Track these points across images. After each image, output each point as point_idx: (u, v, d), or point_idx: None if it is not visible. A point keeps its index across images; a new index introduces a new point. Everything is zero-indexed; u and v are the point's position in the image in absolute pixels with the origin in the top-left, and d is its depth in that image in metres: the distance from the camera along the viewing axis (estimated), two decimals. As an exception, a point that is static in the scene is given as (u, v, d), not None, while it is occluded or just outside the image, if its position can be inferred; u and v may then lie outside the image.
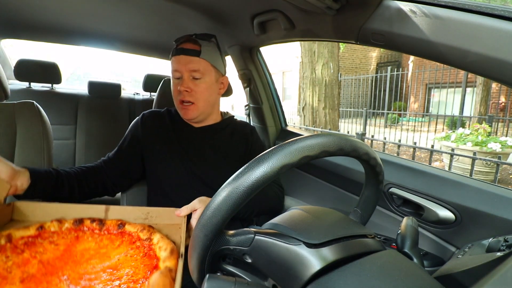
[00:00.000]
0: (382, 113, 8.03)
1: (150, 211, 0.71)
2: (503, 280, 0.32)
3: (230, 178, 0.38)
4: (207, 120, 0.97)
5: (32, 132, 0.93)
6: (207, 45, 0.89)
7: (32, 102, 0.97)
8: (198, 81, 0.88)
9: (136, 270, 0.52)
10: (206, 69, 0.88)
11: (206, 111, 0.93)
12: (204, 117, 0.95)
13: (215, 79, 0.92)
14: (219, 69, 0.93)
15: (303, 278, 0.37)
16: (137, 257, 0.56)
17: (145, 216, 0.70)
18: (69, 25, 1.37)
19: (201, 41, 0.89)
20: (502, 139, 3.89)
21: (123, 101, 2.16)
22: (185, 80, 0.87)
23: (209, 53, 0.89)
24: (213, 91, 0.92)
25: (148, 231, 0.62)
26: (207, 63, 0.88)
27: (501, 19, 0.46)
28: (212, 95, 0.92)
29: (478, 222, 0.67)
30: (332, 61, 4.92)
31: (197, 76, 0.87)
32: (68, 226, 0.62)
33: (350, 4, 0.66)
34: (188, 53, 0.87)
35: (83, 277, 0.49)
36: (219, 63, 0.93)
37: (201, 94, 0.89)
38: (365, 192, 0.56)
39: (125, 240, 0.61)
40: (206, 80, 0.89)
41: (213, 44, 0.92)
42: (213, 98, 0.93)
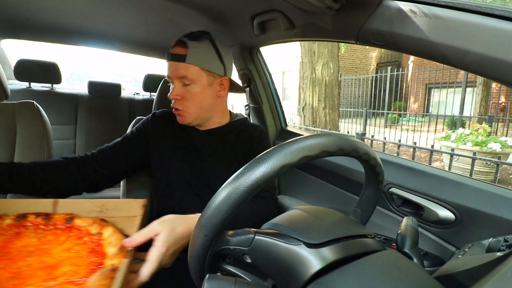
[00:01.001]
0: (382, 113, 8.03)
1: (105, 203, 0.64)
2: (503, 280, 0.32)
3: (230, 178, 0.38)
4: (210, 123, 0.93)
5: (32, 132, 0.93)
6: (196, 46, 0.81)
7: (32, 102, 0.97)
8: (189, 87, 0.83)
9: (77, 269, 0.48)
10: (194, 74, 0.82)
11: (201, 117, 0.88)
12: (201, 121, 0.91)
13: (208, 83, 0.85)
14: (213, 71, 0.84)
15: (303, 278, 0.37)
16: (82, 254, 0.52)
17: (99, 209, 0.64)
18: (69, 25, 1.37)
19: (190, 42, 0.81)
20: (502, 139, 3.89)
21: (123, 101, 2.16)
22: (175, 87, 0.83)
23: (197, 56, 0.81)
24: (206, 96, 0.86)
25: (99, 225, 0.57)
26: (196, 68, 0.81)
27: (501, 19, 0.46)
28: (205, 100, 0.86)
29: (478, 222, 0.67)
30: (332, 61, 4.92)
31: (186, 82, 0.82)
32: (9, 222, 0.57)
33: (350, 4, 0.66)
34: (175, 59, 0.82)
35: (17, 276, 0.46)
36: (214, 64, 0.84)
37: (192, 101, 0.84)
38: (365, 192, 0.56)
39: (72, 236, 0.56)
40: (196, 86, 0.83)
41: (205, 43, 0.83)
42: (208, 102, 0.87)
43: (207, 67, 0.83)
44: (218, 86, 0.88)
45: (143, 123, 0.94)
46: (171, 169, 0.89)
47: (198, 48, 0.82)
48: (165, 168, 0.90)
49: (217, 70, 0.85)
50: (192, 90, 0.83)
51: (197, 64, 0.81)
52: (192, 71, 0.81)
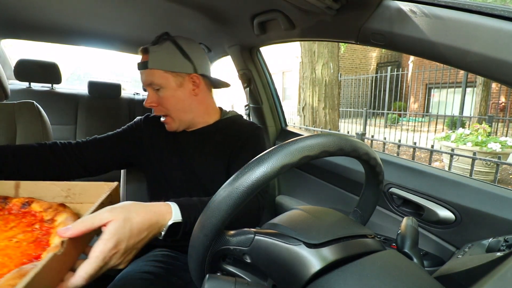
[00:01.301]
0: (382, 113, 8.03)
1: (72, 186, 0.58)
2: (503, 280, 0.32)
3: (230, 178, 0.38)
4: (195, 123, 0.91)
5: (32, 132, 0.93)
6: (156, 50, 0.81)
7: (32, 102, 0.97)
8: (160, 92, 0.82)
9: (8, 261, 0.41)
10: (159, 78, 0.81)
11: (184, 119, 0.87)
12: (187, 125, 0.89)
13: (177, 84, 0.83)
14: (179, 70, 0.82)
15: (303, 278, 0.37)
16: (22, 244, 0.45)
17: (66, 194, 0.58)
18: (69, 25, 1.37)
19: (151, 48, 0.81)
20: (502, 139, 3.89)
21: (123, 101, 2.16)
22: (149, 95, 0.83)
23: (157, 59, 0.80)
24: (179, 97, 0.84)
25: (54, 210, 0.51)
26: (159, 72, 0.80)
27: (501, 19, 0.46)
28: (180, 102, 0.84)
29: (478, 222, 0.67)
30: (332, 61, 4.92)
31: (156, 87, 0.82)
32: None
33: (350, 4, 0.66)
34: (140, 67, 0.83)
35: None
36: (177, 63, 0.82)
37: (167, 105, 0.83)
38: (365, 192, 0.56)
39: (23, 222, 0.50)
40: (166, 90, 0.82)
41: (166, 45, 0.82)
42: (184, 104, 0.85)
43: (171, 68, 0.81)
44: (191, 85, 0.85)
45: (136, 122, 0.94)
46: (164, 171, 0.89)
47: (159, 51, 0.81)
48: (158, 170, 0.90)
49: (183, 69, 0.83)
50: (163, 94, 0.82)
51: (160, 68, 0.80)
52: (157, 75, 0.81)
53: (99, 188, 0.58)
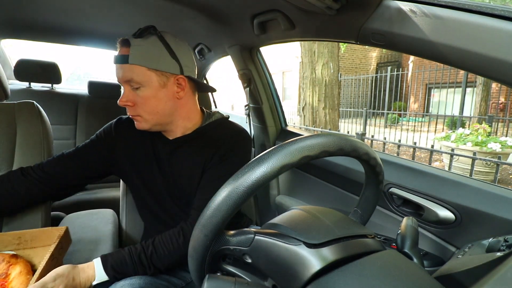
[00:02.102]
0: (382, 113, 8.03)
1: (23, 234, 0.61)
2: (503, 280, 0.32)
3: (230, 178, 0.38)
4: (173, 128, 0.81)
5: (32, 132, 0.92)
6: (140, 43, 0.70)
7: (32, 102, 0.97)
8: (139, 91, 0.72)
9: None
10: (141, 75, 0.71)
11: (159, 122, 0.77)
12: (162, 127, 0.80)
13: (160, 84, 0.73)
14: (165, 69, 0.73)
15: (303, 278, 0.37)
16: None
17: (17, 241, 0.61)
18: (69, 25, 1.37)
19: (133, 40, 0.70)
20: (502, 139, 3.89)
21: None
22: (125, 92, 0.74)
23: (141, 54, 0.70)
24: (161, 99, 0.74)
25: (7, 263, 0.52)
26: (141, 68, 0.70)
27: (501, 19, 0.46)
28: (160, 104, 0.75)
29: (478, 222, 0.67)
30: (332, 61, 4.92)
31: (134, 85, 0.72)
32: None
33: (350, 4, 0.66)
34: (118, 61, 0.72)
35: None
36: (164, 61, 0.72)
37: (145, 106, 0.74)
38: (365, 192, 0.56)
39: None
40: (146, 89, 0.72)
41: (151, 40, 0.72)
42: (164, 106, 0.75)
43: (156, 66, 0.72)
44: (175, 87, 0.76)
45: (105, 130, 0.87)
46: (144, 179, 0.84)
47: (143, 45, 0.71)
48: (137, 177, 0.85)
49: (169, 69, 0.73)
50: (142, 94, 0.73)
51: (143, 64, 0.70)
52: (138, 72, 0.71)
53: (48, 233, 0.62)
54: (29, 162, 0.90)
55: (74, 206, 1.57)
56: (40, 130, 0.94)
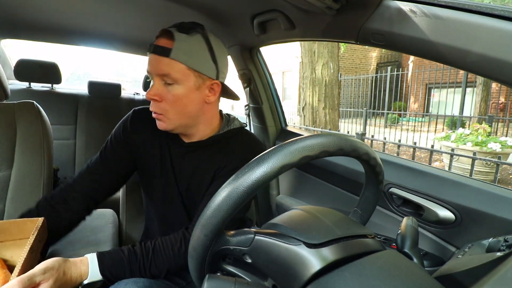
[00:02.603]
0: (382, 113, 8.03)
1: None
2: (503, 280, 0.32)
3: (230, 178, 0.38)
4: (194, 132, 0.78)
5: (32, 132, 0.93)
6: (185, 40, 0.67)
7: (32, 102, 0.97)
8: (171, 88, 0.68)
9: None
10: (179, 73, 0.67)
11: (184, 124, 0.74)
12: (184, 130, 0.77)
13: (195, 86, 0.70)
14: (204, 72, 0.70)
15: (303, 278, 0.37)
16: None
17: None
18: (69, 25, 1.37)
19: (178, 35, 0.66)
20: (502, 139, 3.89)
21: (123, 101, 2.16)
22: (155, 85, 0.69)
23: (185, 51, 0.66)
24: (192, 101, 0.71)
25: None
26: (181, 66, 0.67)
27: (501, 19, 0.46)
28: (190, 105, 0.71)
29: (478, 222, 0.67)
30: (332, 61, 4.92)
31: (168, 81, 0.68)
32: None
33: (350, 4, 0.66)
34: (157, 52, 0.67)
35: None
36: (205, 63, 0.70)
37: (173, 104, 0.70)
38: (365, 192, 0.56)
39: None
40: (180, 87, 0.69)
41: (196, 38, 0.68)
42: (192, 109, 0.72)
43: (196, 67, 0.68)
44: (208, 91, 0.74)
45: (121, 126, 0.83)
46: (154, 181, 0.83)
47: (187, 42, 0.67)
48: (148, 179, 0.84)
49: (208, 72, 0.71)
50: (175, 91, 0.69)
51: (184, 62, 0.67)
52: (177, 68, 0.67)
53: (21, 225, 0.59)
54: (29, 162, 0.90)
55: (74, 206, 1.56)
56: (40, 130, 0.94)
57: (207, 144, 0.79)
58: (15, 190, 0.88)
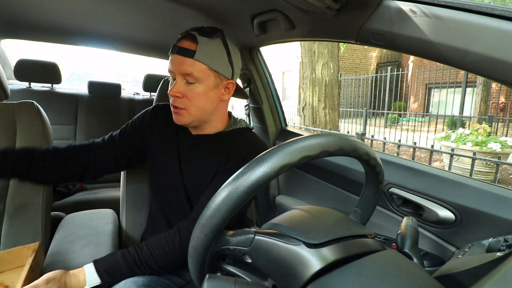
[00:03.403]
0: (382, 113, 8.03)
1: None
2: (503, 280, 0.32)
3: (230, 178, 0.38)
4: (206, 127, 0.85)
5: (32, 132, 0.93)
6: (207, 43, 0.74)
7: (32, 102, 0.97)
8: (192, 86, 0.75)
9: None
10: (201, 73, 0.74)
11: (201, 119, 0.81)
12: (199, 124, 0.83)
13: (214, 85, 0.78)
14: (221, 72, 0.77)
15: (303, 278, 0.37)
16: None
17: None
18: (69, 25, 1.37)
19: (201, 38, 0.73)
20: (502, 139, 3.89)
21: (123, 101, 2.16)
22: (177, 83, 0.76)
23: (206, 53, 0.74)
24: (210, 98, 0.78)
25: None
26: (204, 66, 0.74)
27: (501, 19, 0.46)
28: (208, 102, 0.79)
29: (478, 222, 0.67)
30: (332, 61, 4.92)
31: (190, 80, 0.75)
32: None
33: (350, 4, 0.66)
34: (182, 53, 0.74)
35: None
36: (223, 65, 0.77)
37: (194, 101, 0.77)
38: (365, 192, 0.56)
39: None
40: (201, 86, 0.76)
41: (216, 42, 0.76)
42: (210, 105, 0.80)
43: (216, 68, 0.76)
44: (223, 89, 0.81)
45: (141, 116, 0.91)
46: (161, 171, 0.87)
47: (209, 45, 0.74)
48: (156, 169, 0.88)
49: (225, 72, 0.78)
50: (195, 89, 0.76)
51: (206, 63, 0.74)
52: (199, 69, 0.74)
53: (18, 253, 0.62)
54: (29, 162, 0.90)
55: (74, 206, 1.57)
56: (40, 130, 0.94)
57: (214, 139, 0.85)
58: (15, 190, 0.88)
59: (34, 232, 0.86)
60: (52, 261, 0.78)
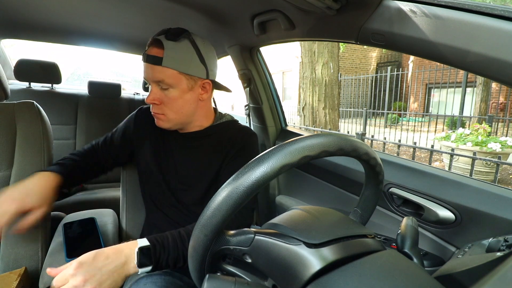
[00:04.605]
0: (382, 113, 8.03)
1: None
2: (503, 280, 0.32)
3: (230, 178, 0.38)
4: (190, 127, 0.86)
5: (32, 132, 0.93)
6: (173, 47, 0.72)
7: (32, 102, 0.97)
8: (167, 92, 0.76)
9: None
10: (172, 78, 0.74)
11: (180, 121, 0.82)
12: (181, 126, 0.84)
13: (188, 87, 0.77)
14: (194, 74, 0.76)
15: (303, 278, 0.37)
16: None
17: None
18: (69, 25, 1.37)
19: (167, 42, 0.72)
20: (502, 139, 3.89)
21: (123, 101, 2.16)
22: (153, 91, 0.76)
23: (173, 58, 0.72)
24: (187, 100, 0.78)
25: None
26: (172, 71, 0.73)
27: (501, 19, 0.46)
28: (186, 105, 0.79)
29: (478, 222, 0.67)
30: (332, 61, 4.92)
31: (164, 86, 0.75)
32: None
33: (350, 4, 0.66)
34: (150, 61, 0.73)
35: None
36: (194, 66, 0.76)
37: (170, 105, 0.77)
38: (365, 192, 0.56)
39: None
40: (175, 90, 0.76)
41: (184, 43, 0.74)
42: (188, 107, 0.80)
43: (186, 70, 0.75)
44: (200, 89, 0.81)
45: (128, 120, 0.94)
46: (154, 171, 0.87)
47: (175, 49, 0.73)
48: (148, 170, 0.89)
49: (198, 73, 0.77)
50: (170, 94, 0.76)
51: (175, 68, 0.73)
52: (169, 74, 0.73)
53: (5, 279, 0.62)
54: (29, 162, 0.90)
55: (74, 206, 1.57)
56: (40, 130, 0.94)
57: (203, 135, 0.87)
58: (15, 190, 0.88)
59: (34, 232, 0.86)
60: (52, 261, 0.78)
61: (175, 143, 0.88)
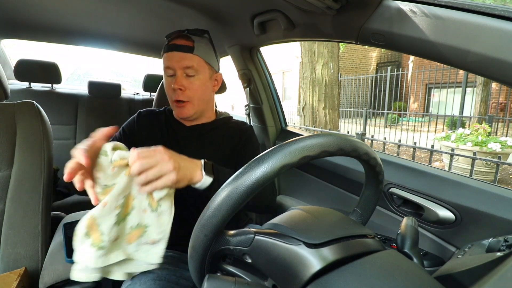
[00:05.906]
0: (382, 113, 8.03)
1: None
2: (503, 280, 0.32)
3: (230, 178, 0.38)
4: (200, 118, 0.95)
5: (32, 132, 0.92)
6: (200, 40, 0.87)
7: (32, 102, 0.96)
8: (192, 79, 0.86)
9: None
10: (200, 66, 0.86)
11: (200, 109, 0.91)
12: (199, 115, 0.93)
13: (209, 76, 0.90)
14: (212, 65, 0.90)
15: (303, 278, 0.37)
16: None
17: None
18: (69, 25, 1.37)
19: (194, 37, 0.86)
20: (502, 139, 3.89)
21: (123, 101, 2.16)
22: (179, 77, 0.85)
23: (202, 49, 0.86)
24: (207, 88, 0.90)
25: None
26: (201, 60, 0.86)
27: (501, 19, 0.46)
28: (206, 92, 0.90)
29: (478, 222, 0.67)
30: (332, 61, 4.92)
31: (190, 73, 0.85)
32: None
33: (350, 4, 0.66)
34: (181, 49, 0.84)
35: None
36: (213, 59, 0.90)
37: (195, 92, 0.87)
38: (365, 192, 0.56)
39: None
40: (200, 77, 0.87)
41: (206, 40, 0.90)
42: (207, 95, 0.91)
43: (209, 61, 0.88)
44: (214, 81, 0.94)
45: (129, 122, 0.96)
46: None
47: (202, 42, 0.87)
48: None
49: (215, 66, 0.91)
50: (195, 81, 0.86)
51: (203, 57, 0.86)
52: (198, 62, 0.85)
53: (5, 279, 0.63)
54: (29, 162, 0.90)
55: (74, 206, 1.57)
56: (40, 130, 0.94)
57: (213, 127, 0.95)
58: (15, 190, 0.88)
59: (34, 232, 0.86)
60: (52, 261, 0.78)
61: (183, 136, 0.92)
